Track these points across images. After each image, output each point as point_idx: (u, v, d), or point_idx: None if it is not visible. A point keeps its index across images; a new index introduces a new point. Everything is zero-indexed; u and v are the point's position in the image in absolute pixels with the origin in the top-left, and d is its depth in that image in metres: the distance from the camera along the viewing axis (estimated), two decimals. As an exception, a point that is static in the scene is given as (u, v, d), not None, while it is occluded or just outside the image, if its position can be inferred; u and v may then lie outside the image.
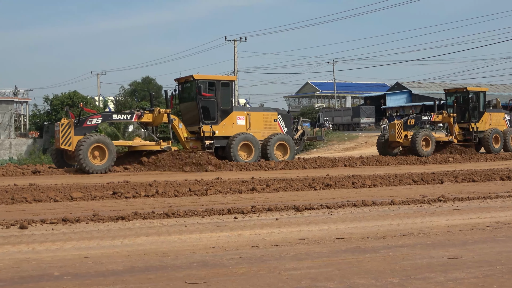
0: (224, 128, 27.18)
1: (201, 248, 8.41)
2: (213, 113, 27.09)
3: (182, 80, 28.08)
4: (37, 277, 6.82)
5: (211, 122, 26.84)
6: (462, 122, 35.50)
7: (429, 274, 6.90)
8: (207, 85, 27.08)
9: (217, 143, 26.88)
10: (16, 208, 12.88)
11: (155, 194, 14.91)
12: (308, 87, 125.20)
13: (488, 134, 34.65)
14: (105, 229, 9.97)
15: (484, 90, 36.74)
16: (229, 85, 27.90)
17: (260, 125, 28.14)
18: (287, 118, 29.26)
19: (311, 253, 8.05)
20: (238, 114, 27.80)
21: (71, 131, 23.72)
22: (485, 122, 35.42)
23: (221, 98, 27.20)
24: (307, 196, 14.66)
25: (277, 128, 28.47)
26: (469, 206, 12.77)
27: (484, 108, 35.85)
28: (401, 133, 33.18)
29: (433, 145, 32.90)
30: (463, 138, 35.23)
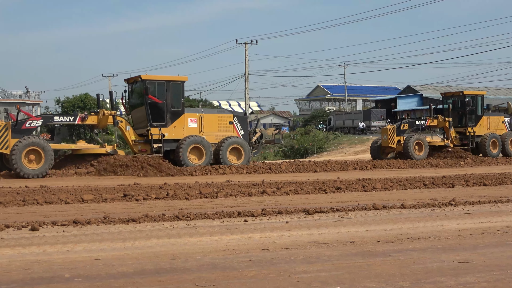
0: (175, 130, 26.22)
1: (211, 250, 8.41)
2: (162, 115, 26.12)
3: (131, 80, 27.13)
4: (48, 279, 6.84)
5: (160, 125, 25.88)
6: (459, 127, 34.98)
7: (439, 278, 6.89)
8: (156, 86, 26.19)
9: (167, 146, 25.94)
10: (27, 210, 12.92)
11: (166, 197, 14.93)
12: (319, 90, 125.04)
13: (485, 139, 34.17)
14: (115, 231, 9.99)
15: (482, 94, 36.30)
16: (180, 86, 26.77)
17: (214, 128, 27.11)
18: (243, 121, 28.21)
19: (321, 256, 8.04)
20: (190, 116, 26.78)
21: (8, 134, 22.91)
22: (483, 126, 34.92)
23: (171, 99, 26.24)
24: (317, 199, 14.65)
25: (232, 130, 27.44)
26: (480, 210, 12.73)
27: (482, 112, 35.40)
28: (393, 138, 32.75)
29: (426, 150, 32.49)
30: (460, 142, 34.72)
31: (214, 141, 26.78)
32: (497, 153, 34.20)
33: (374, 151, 34.25)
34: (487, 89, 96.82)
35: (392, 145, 32.84)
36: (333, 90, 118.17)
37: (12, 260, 7.79)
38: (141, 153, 25.54)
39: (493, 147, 34.39)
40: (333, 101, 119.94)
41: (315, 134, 61.25)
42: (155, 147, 25.50)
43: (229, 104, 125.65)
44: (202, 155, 26.00)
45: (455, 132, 34.72)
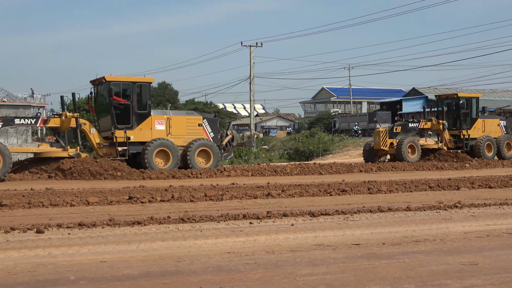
0: (141, 133, 25.65)
1: (216, 253, 8.41)
2: (128, 117, 25.54)
3: (97, 82, 26.56)
4: (53, 281, 6.85)
5: (125, 127, 25.34)
6: (453, 129, 34.66)
7: (445, 280, 6.88)
8: (120, 87, 25.72)
9: (133, 149, 25.38)
10: (32, 212, 12.94)
11: (171, 199, 14.94)
12: (324, 92, 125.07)
13: (480, 142, 33.85)
14: (121, 234, 10.00)
15: (477, 96, 35.91)
16: (146, 87, 26.26)
17: (182, 130, 26.56)
18: (213, 123, 27.64)
19: (327, 259, 8.04)
20: (157, 118, 26.24)
21: None
22: (478, 129, 34.59)
23: (136, 101, 25.70)
24: (322, 202, 14.64)
25: (202, 133, 26.91)
26: (486, 212, 12.70)
27: (477, 114, 35.01)
28: (386, 141, 32.45)
29: (419, 152, 32.21)
30: (454, 145, 34.38)
31: (183, 143, 26.27)
32: (491, 156, 33.87)
33: (367, 153, 33.97)
34: (493, 91, 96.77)
35: (384, 147, 32.52)
36: (338, 92, 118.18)
37: (17, 262, 7.80)
38: (107, 156, 25.01)
39: (488, 150, 34.07)
40: (338, 104, 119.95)
41: (320, 137, 61.27)
42: (120, 150, 24.98)
43: (234, 106, 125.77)
44: (169, 158, 25.48)
45: (449, 134, 34.41)
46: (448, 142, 34.19)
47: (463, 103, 34.31)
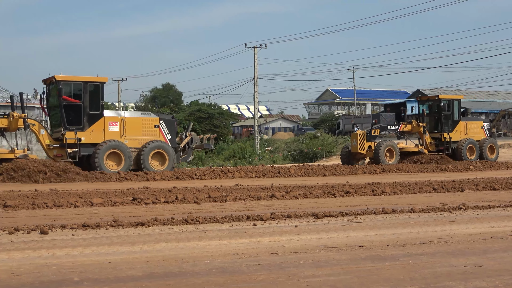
0: (93, 134, 24.95)
1: (220, 254, 8.41)
2: (79, 118, 24.87)
3: (48, 81, 25.80)
4: (57, 282, 6.85)
5: (76, 128, 24.69)
6: (435, 132, 34.04)
7: (449, 282, 6.86)
8: (71, 87, 25.04)
9: (84, 151, 24.73)
10: (36, 213, 12.96)
11: (175, 200, 14.94)
12: (328, 94, 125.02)
13: (462, 144, 33.33)
14: (124, 235, 10.00)
15: (459, 98, 35.30)
16: (98, 87, 25.48)
17: (137, 132, 25.83)
18: (171, 124, 26.99)
19: (330, 260, 8.03)
20: (111, 119, 25.49)
21: None
22: (460, 132, 33.99)
23: (88, 101, 24.98)
24: (326, 203, 14.63)
25: (158, 135, 26.21)
26: (490, 214, 12.68)
27: (459, 117, 34.36)
28: (363, 144, 31.92)
29: (397, 156, 31.71)
30: (435, 148, 33.76)
31: (138, 145, 25.60)
32: (474, 160, 33.24)
33: (344, 157, 33.28)
34: (497, 93, 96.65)
35: (362, 151, 31.98)
36: (342, 94, 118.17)
37: (21, 263, 7.81)
38: (57, 158, 24.40)
39: (470, 153, 33.56)
40: (342, 105, 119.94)
41: (324, 138, 61.21)
42: (70, 152, 24.34)
43: (238, 108, 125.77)
44: (121, 161, 24.83)
45: (430, 137, 33.81)
46: (429, 145, 33.61)
47: (444, 105, 33.74)
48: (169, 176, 23.89)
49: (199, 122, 68.20)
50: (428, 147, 33.51)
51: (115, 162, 24.92)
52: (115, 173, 23.77)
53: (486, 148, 34.07)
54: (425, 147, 33.42)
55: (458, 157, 33.24)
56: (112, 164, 24.83)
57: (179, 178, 23.63)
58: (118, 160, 24.93)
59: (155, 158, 25.79)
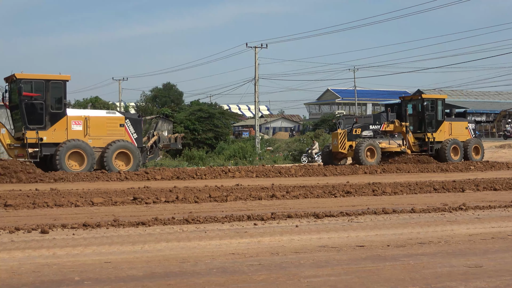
0: (55, 134, 24.59)
1: (220, 254, 8.41)
2: (40, 117, 24.48)
3: (9, 79, 25.41)
4: (58, 282, 6.85)
5: (37, 127, 24.29)
6: (418, 132, 33.52)
7: (449, 282, 6.86)
8: (33, 85, 24.55)
9: (46, 150, 24.38)
10: (37, 212, 12.96)
11: (175, 200, 14.94)
12: (329, 94, 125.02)
13: (445, 145, 32.83)
14: (125, 235, 10.00)
15: (443, 98, 34.82)
16: (61, 85, 25.08)
17: (102, 131, 25.40)
18: (137, 123, 26.54)
19: (331, 260, 8.03)
20: (74, 118, 25.09)
21: None
22: (444, 132, 33.50)
23: (50, 100, 24.64)
24: (327, 203, 14.63)
25: (124, 134, 25.83)
26: (491, 214, 12.68)
27: (443, 117, 33.85)
28: (344, 143, 31.37)
29: (378, 156, 31.15)
30: (419, 149, 33.23)
31: (102, 145, 25.22)
32: (458, 160, 32.71)
33: (325, 156, 32.74)
34: (498, 94, 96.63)
35: (343, 150, 31.45)
36: (343, 94, 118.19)
37: (22, 263, 7.81)
38: (19, 158, 24.04)
39: (454, 153, 33.07)
40: (343, 105, 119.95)
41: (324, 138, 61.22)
42: (30, 152, 23.96)
43: (239, 107, 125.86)
44: (83, 161, 24.44)
45: (414, 137, 33.30)
46: (413, 146, 33.10)
47: (427, 104, 33.27)
48: (170, 175, 23.88)
49: (199, 121, 68.18)
50: (412, 147, 33.02)
51: (77, 162, 24.49)
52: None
53: (471, 149, 33.55)
54: (408, 147, 32.91)
55: (442, 157, 32.80)
56: (74, 164, 24.40)
57: (180, 178, 23.62)
58: (81, 160, 24.50)
59: (120, 158, 25.40)
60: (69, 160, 24.28)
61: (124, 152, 25.39)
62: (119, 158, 25.42)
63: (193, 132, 67.86)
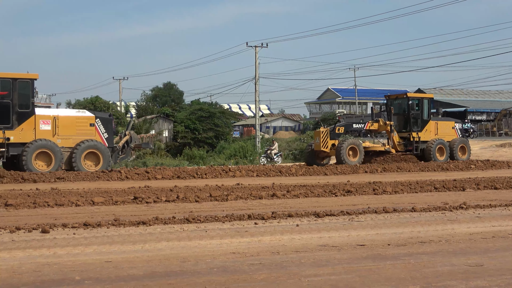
0: (22, 133, 24.06)
1: (221, 253, 8.42)
2: (7, 116, 23.94)
3: None
4: (59, 281, 6.85)
5: (4, 127, 23.78)
6: (403, 132, 32.73)
7: (450, 281, 6.86)
8: None
9: (14, 150, 23.87)
10: (38, 212, 12.96)
11: (176, 200, 14.94)
12: (329, 93, 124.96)
13: (431, 145, 32.15)
14: (126, 234, 10.00)
15: (429, 97, 34.13)
16: (28, 84, 24.47)
17: (71, 131, 24.92)
18: (108, 123, 26.00)
19: (332, 259, 8.03)
20: (42, 117, 24.54)
21: None
22: (430, 132, 32.80)
23: (17, 98, 24.09)
24: (327, 203, 14.63)
25: (94, 133, 25.33)
26: (491, 213, 12.68)
27: (429, 116, 33.10)
28: (327, 142, 30.48)
29: (361, 155, 30.31)
30: (404, 148, 32.46)
31: (72, 145, 24.81)
32: (444, 160, 32.03)
33: (308, 156, 31.78)
34: (498, 92, 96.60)
35: (325, 149, 30.51)
36: (343, 93, 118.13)
37: (23, 262, 7.82)
38: None
39: (440, 153, 32.40)
40: (343, 104, 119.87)
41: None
42: None
43: (239, 107, 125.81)
44: (51, 161, 24.01)
45: (399, 137, 32.56)
46: (398, 145, 32.35)
47: (413, 103, 32.59)
48: (170, 175, 23.86)
49: (200, 121, 68.16)
50: (397, 147, 32.30)
51: (45, 162, 24.12)
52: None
53: (457, 149, 32.97)
54: (393, 146, 32.21)
55: (427, 157, 32.21)
56: (42, 164, 24.03)
57: (180, 177, 23.59)
58: (48, 160, 24.14)
59: (89, 158, 25.06)
60: (36, 160, 23.93)
61: (93, 152, 25.05)
62: (89, 158, 25.09)
63: (193, 131, 67.86)
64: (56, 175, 22.55)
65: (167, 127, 74.12)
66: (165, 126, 74.45)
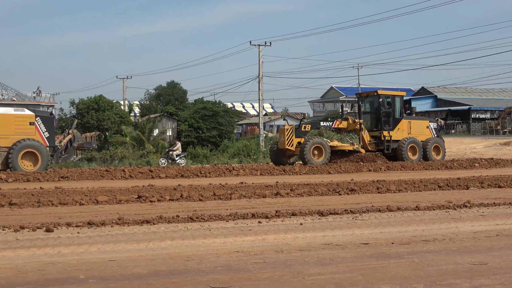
0: None
1: (225, 252, 8.42)
2: None
3: None
4: (63, 280, 6.86)
5: None
6: (375, 130, 31.71)
7: (454, 280, 6.86)
8: None
9: None
10: (42, 211, 12.98)
11: (180, 198, 14.95)
12: (333, 91, 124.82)
13: (402, 144, 31.08)
14: (130, 233, 10.01)
15: (401, 95, 32.96)
16: None
17: (9, 129, 24.43)
18: (49, 121, 25.45)
19: (335, 258, 8.03)
20: None
21: None
22: (403, 131, 31.71)
23: None
24: (331, 201, 14.62)
25: (34, 132, 24.81)
26: (495, 212, 12.67)
27: (401, 115, 31.94)
28: (292, 140, 29.50)
29: (326, 155, 29.01)
30: (375, 147, 31.40)
31: (9, 144, 24.36)
32: (416, 160, 30.96)
33: (274, 154, 30.72)
34: (502, 91, 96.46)
35: (290, 147, 29.50)
36: (347, 91, 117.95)
37: (27, 261, 7.83)
38: None
39: (412, 153, 31.37)
40: (347, 103, 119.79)
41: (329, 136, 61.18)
42: None
43: (243, 105, 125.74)
44: None
45: (370, 136, 31.52)
46: (369, 144, 31.32)
47: (383, 101, 31.49)
48: (174, 174, 23.88)
49: (204, 120, 68.16)
50: (367, 146, 31.28)
51: None
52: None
53: (431, 148, 32.01)
54: (363, 146, 31.20)
55: (398, 156, 31.23)
56: None
57: (184, 176, 23.62)
58: None
59: (27, 158, 24.54)
60: None
61: (32, 152, 24.53)
62: (27, 158, 24.58)
63: (197, 130, 67.87)
64: (60, 174, 22.63)
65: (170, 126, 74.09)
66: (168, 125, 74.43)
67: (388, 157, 31.56)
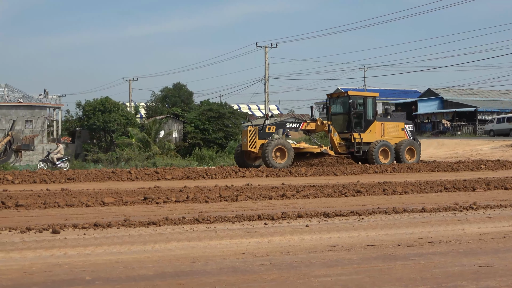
0: None
1: (231, 254, 8.42)
2: None
3: None
4: (69, 281, 6.88)
5: None
6: (345, 132, 30.63)
7: (460, 282, 6.85)
8: None
9: None
10: (48, 212, 13.00)
11: (186, 200, 14.96)
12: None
13: (373, 147, 30.06)
14: (136, 234, 10.03)
15: (373, 96, 31.98)
16: None
17: None
18: None
19: (342, 260, 8.03)
20: None
21: None
22: (375, 133, 30.71)
23: None
24: (337, 203, 14.62)
25: None
26: (502, 213, 12.64)
27: (373, 116, 30.98)
28: (255, 142, 28.58)
29: (290, 157, 28.04)
30: (346, 150, 30.42)
31: None
32: (388, 163, 30.01)
33: (238, 156, 29.92)
34: (509, 92, 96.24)
35: (253, 149, 28.62)
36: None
37: (33, 262, 7.85)
38: None
39: (384, 156, 30.34)
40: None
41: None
42: None
43: (249, 107, 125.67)
44: None
45: (340, 138, 30.56)
46: (339, 147, 30.38)
47: (353, 102, 30.39)
48: (180, 175, 23.91)
49: (210, 121, 68.25)
50: (337, 149, 30.37)
51: None
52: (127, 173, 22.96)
53: (404, 151, 30.94)
54: (331, 148, 30.37)
55: (369, 159, 30.27)
56: None
57: (190, 178, 23.64)
58: None
59: None
60: None
61: None
62: None
63: (203, 132, 67.97)
64: (66, 176, 22.68)
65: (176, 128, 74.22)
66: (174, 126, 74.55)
67: (359, 160, 30.75)
